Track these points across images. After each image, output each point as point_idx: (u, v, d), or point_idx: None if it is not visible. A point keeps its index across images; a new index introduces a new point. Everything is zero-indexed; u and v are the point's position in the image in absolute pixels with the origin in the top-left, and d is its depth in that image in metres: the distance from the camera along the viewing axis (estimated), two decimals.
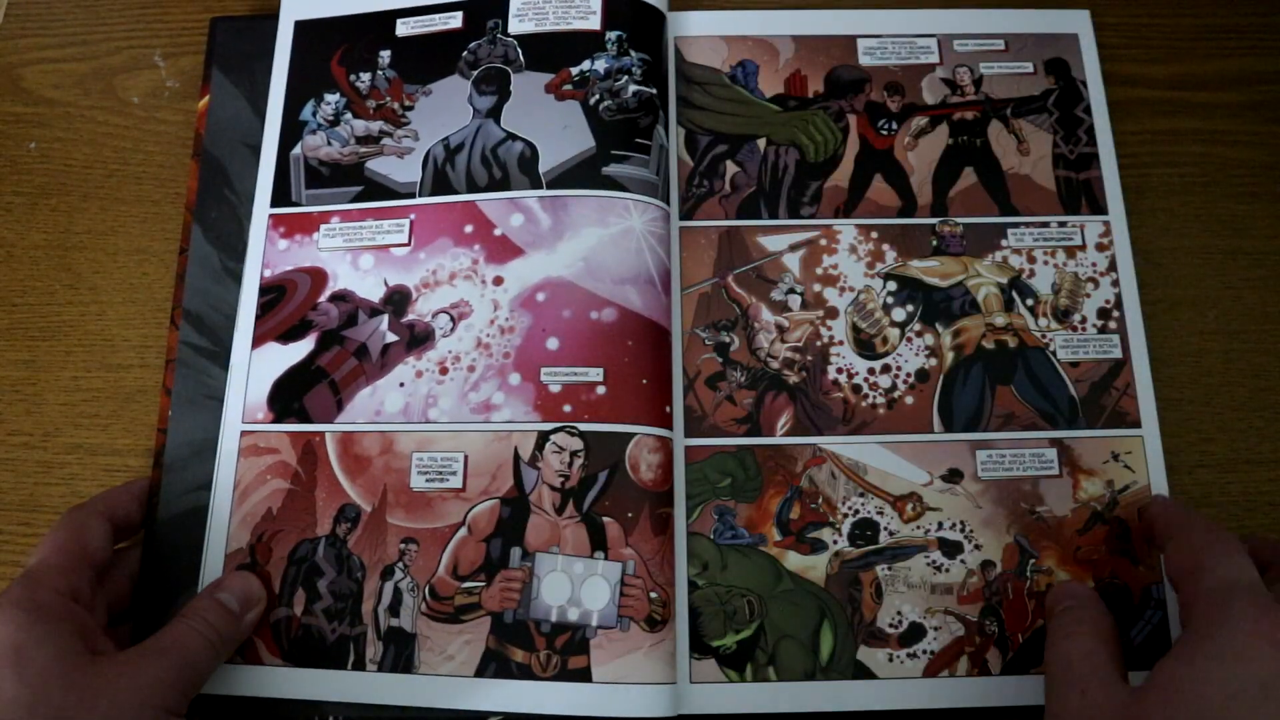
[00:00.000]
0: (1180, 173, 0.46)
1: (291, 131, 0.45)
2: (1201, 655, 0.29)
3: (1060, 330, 0.42)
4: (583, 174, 0.42)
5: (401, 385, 0.41)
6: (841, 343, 0.42)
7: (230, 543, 0.39)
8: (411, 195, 0.43)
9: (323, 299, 0.42)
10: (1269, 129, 0.47)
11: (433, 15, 0.46)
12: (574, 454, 0.39)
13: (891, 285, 0.43)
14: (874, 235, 0.44)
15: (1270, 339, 0.44)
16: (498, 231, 0.42)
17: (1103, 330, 0.42)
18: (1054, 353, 0.42)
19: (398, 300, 0.42)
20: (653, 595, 0.37)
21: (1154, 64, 0.48)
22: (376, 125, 0.45)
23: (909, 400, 0.41)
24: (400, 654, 0.37)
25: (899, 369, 0.42)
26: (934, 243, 0.44)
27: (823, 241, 0.44)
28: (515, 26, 0.45)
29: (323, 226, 0.43)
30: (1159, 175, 0.46)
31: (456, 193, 0.43)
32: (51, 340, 0.45)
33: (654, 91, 0.44)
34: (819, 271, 0.43)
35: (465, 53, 0.45)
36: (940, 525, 0.40)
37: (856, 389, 0.42)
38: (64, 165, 0.47)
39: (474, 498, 0.39)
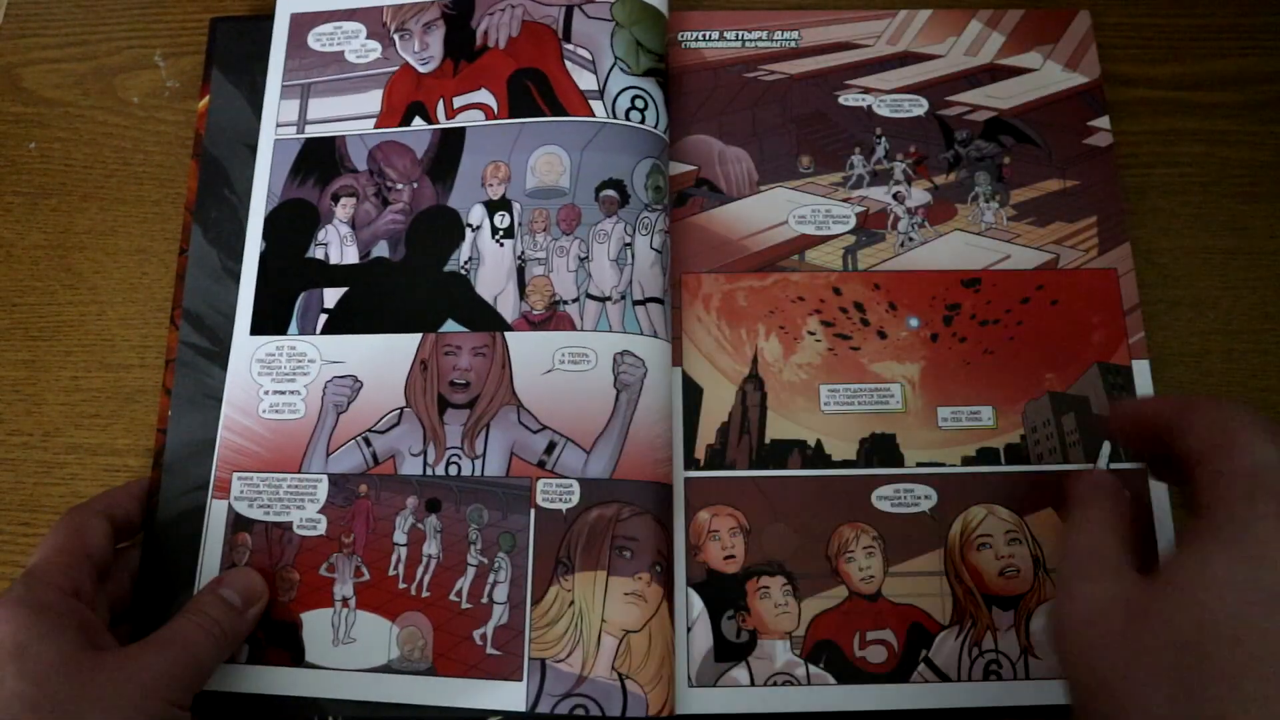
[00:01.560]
0: (1180, 173, 0.46)
1: None
2: (1220, 551, 0.26)
3: None
4: None
5: None
6: None
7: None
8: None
9: None
10: (1269, 129, 0.47)
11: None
12: None
13: None
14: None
15: (1270, 339, 0.44)
16: None
17: None
18: None
19: None
20: None
21: (1154, 64, 0.48)
22: None
23: None
24: None
25: None
26: None
27: None
28: None
29: None
30: (1159, 175, 0.46)
31: None
32: (51, 340, 0.45)
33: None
34: None
35: None
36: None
37: None
38: (64, 165, 0.47)
39: None
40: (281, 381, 0.40)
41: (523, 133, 0.43)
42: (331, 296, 0.41)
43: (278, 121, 0.44)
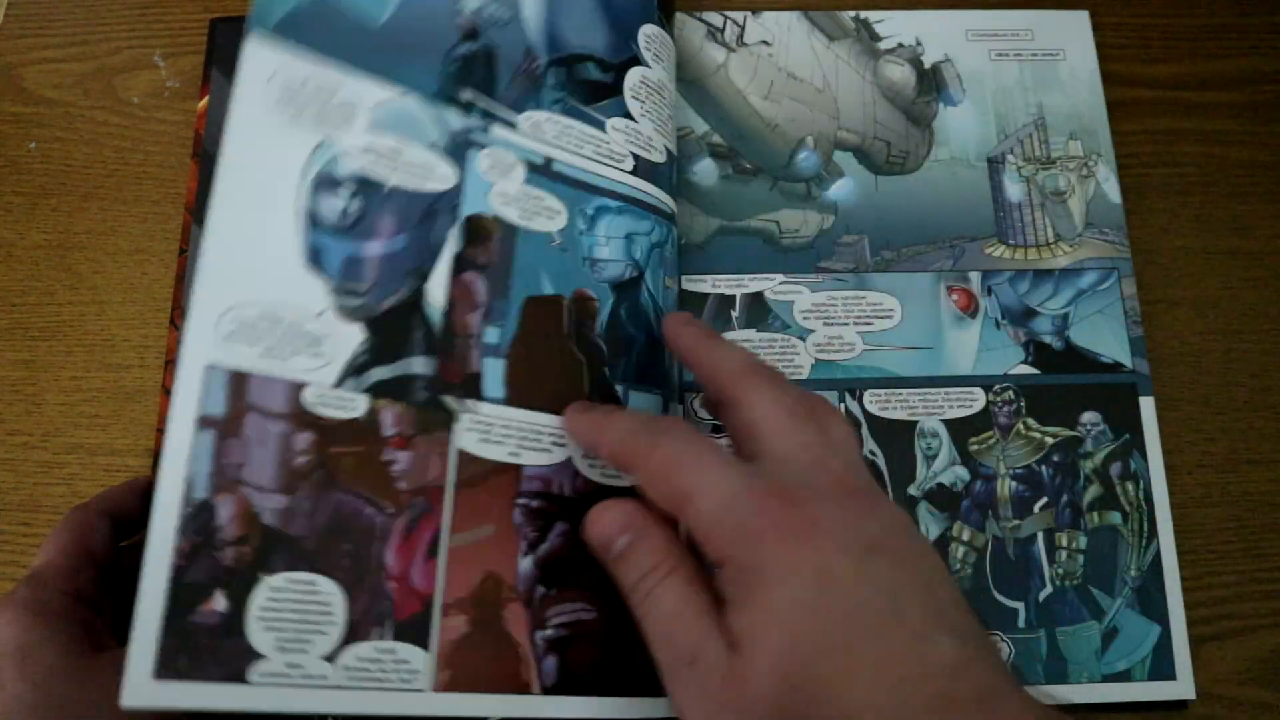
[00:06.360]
0: (1180, 173, 0.46)
1: None
2: (760, 592, 0.25)
3: None
4: None
5: None
6: None
7: None
8: None
9: None
10: (1269, 129, 0.47)
11: None
12: None
13: None
14: None
15: (1270, 339, 0.44)
16: None
17: None
18: None
19: None
20: None
21: (1154, 64, 0.48)
22: None
23: None
24: None
25: None
26: None
27: None
28: None
29: None
30: (1159, 175, 0.46)
31: None
32: (51, 340, 0.45)
33: None
34: None
35: None
36: None
37: None
38: (64, 165, 0.47)
39: None
40: None
41: None
42: None
43: None
